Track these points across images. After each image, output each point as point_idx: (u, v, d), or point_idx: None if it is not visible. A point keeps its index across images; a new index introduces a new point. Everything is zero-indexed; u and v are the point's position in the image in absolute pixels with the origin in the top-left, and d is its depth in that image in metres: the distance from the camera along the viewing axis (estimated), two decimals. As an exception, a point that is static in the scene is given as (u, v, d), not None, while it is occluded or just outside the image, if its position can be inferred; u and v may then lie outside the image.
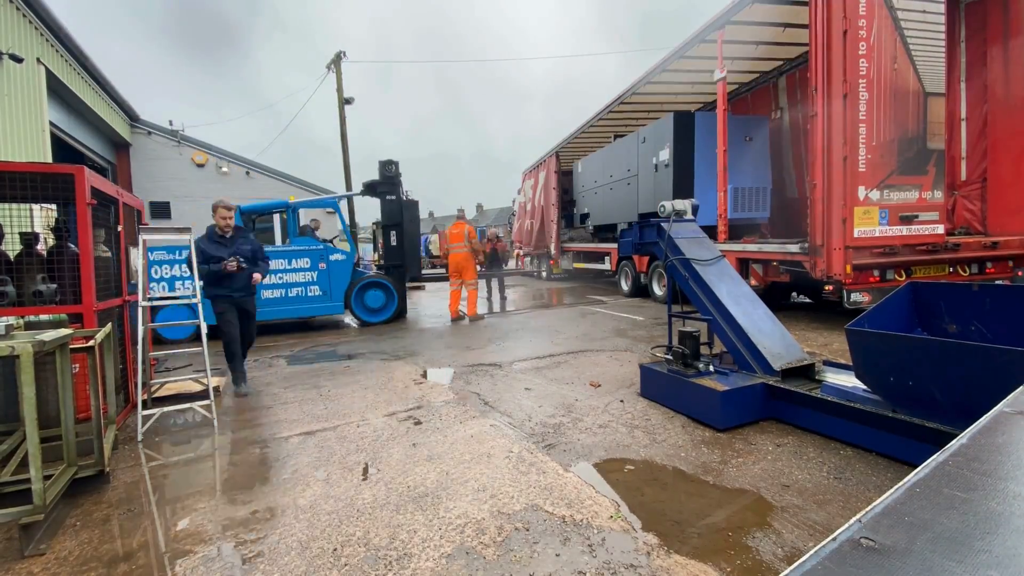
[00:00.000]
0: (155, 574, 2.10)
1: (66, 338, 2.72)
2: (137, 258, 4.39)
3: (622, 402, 3.95)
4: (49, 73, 6.57)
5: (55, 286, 3.79)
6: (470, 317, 8.95)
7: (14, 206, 4.17)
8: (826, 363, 3.73)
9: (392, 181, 9.53)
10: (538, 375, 4.90)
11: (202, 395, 4.12)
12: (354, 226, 15.68)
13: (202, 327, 4.05)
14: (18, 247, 4.16)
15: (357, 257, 9.73)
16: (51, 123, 6.83)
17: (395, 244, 9.34)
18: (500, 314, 9.63)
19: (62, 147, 8.13)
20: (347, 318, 10.46)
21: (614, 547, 2.11)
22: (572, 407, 3.90)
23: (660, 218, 4.38)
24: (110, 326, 3.42)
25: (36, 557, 2.24)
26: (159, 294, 7.50)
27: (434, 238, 23.02)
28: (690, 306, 4.21)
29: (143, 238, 4.09)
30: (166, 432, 3.86)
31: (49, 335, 2.56)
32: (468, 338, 7.17)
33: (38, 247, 4.16)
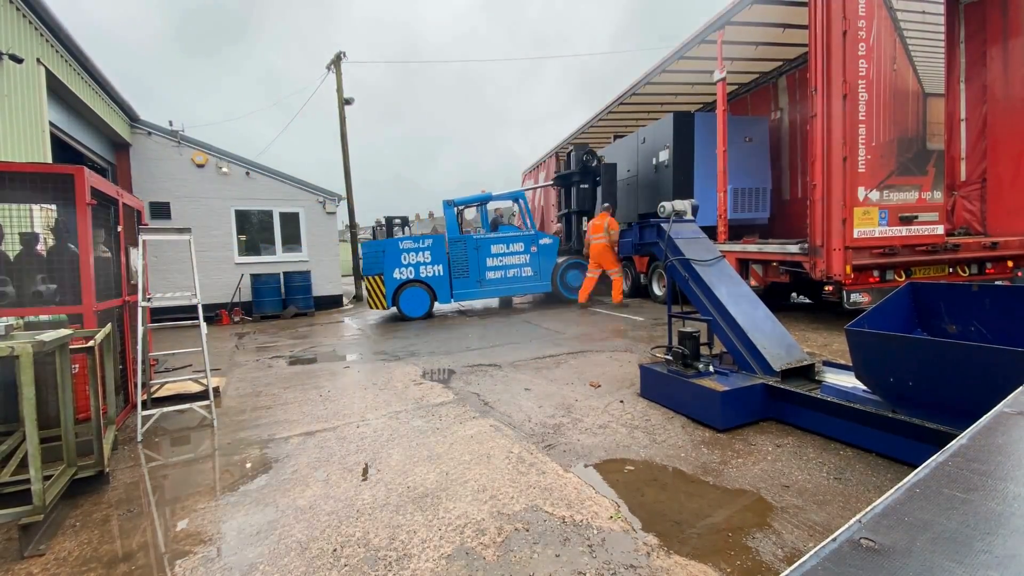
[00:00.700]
0: (155, 574, 2.10)
1: (66, 338, 2.73)
2: (137, 258, 4.39)
3: (622, 403, 3.95)
4: (49, 73, 6.57)
5: (55, 286, 3.79)
6: (615, 304, 9.44)
7: (14, 206, 4.17)
8: (826, 363, 3.73)
9: (586, 170, 10.46)
10: (538, 375, 4.90)
11: (202, 395, 4.13)
12: (354, 226, 15.68)
13: (202, 327, 4.05)
14: (18, 247, 4.16)
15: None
16: (51, 123, 6.83)
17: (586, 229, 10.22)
18: (500, 314, 9.64)
19: (62, 147, 8.11)
20: (346, 318, 10.45)
21: (614, 547, 2.11)
22: (572, 407, 3.90)
23: (660, 218, 4.39)
24: (110, 326, 3.42)
25: (36, 557, 2.24)
26: (404, 276, 9.12)
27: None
28: (690, 306, 4.22)
29: (143, 238, 4.09)
30: (166, 432, 3.86)
31: (49, 335, 2.56)
32: (468, 338, 7.17)
33: (38, 247, 4.17)
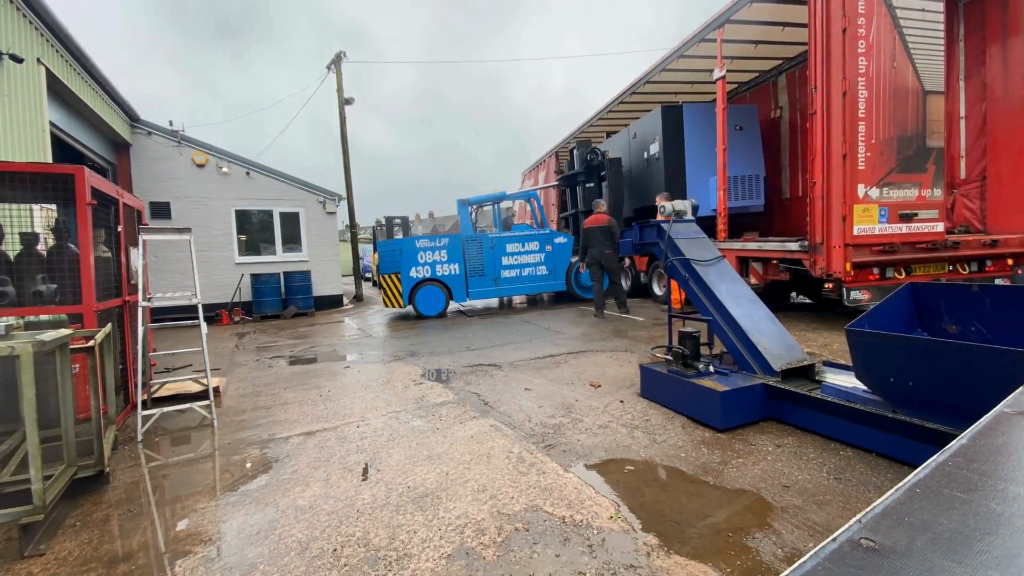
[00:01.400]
0: (155, 574, 2.10)
1: (66, 338, 2.72)
2: (137, 258, 4.39)
3: (622, 402, 3.95)
4: (49, 73, 6.57)
5: (55, 286, 3.79)
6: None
7: (14, 206, 4.17)
8: (826, 363, 3.73)
9: (591, 168, 10.30)
10: (538, 375, 4.90)
11: (202, 395, 4.13)
12: (354, 226, 15.68)
13: (202, 327, 4.05)
14: (18, 247, 4.16)
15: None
16: (51, 123, 6.83)
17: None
18: (500, 314, 9.64)
19: (62, 147, 8.11)
20: (347, 318, 10.45)
21: (614, 547, 2.11)
22: (572, 407, 3.90)
23: (660, 218, 4.39)
24: (110, 326, 3.42)
25: (36, 557, 2.24)
26: (421, 275, 9.13)
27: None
28: (690, 306, 4.21)
29: (143, 238, 4.09)
30: (166, 432, 3.86)
31: (49, 335, 2.56)
32: (468, 338, 7.17)
33: (38, 247, 4.17)
